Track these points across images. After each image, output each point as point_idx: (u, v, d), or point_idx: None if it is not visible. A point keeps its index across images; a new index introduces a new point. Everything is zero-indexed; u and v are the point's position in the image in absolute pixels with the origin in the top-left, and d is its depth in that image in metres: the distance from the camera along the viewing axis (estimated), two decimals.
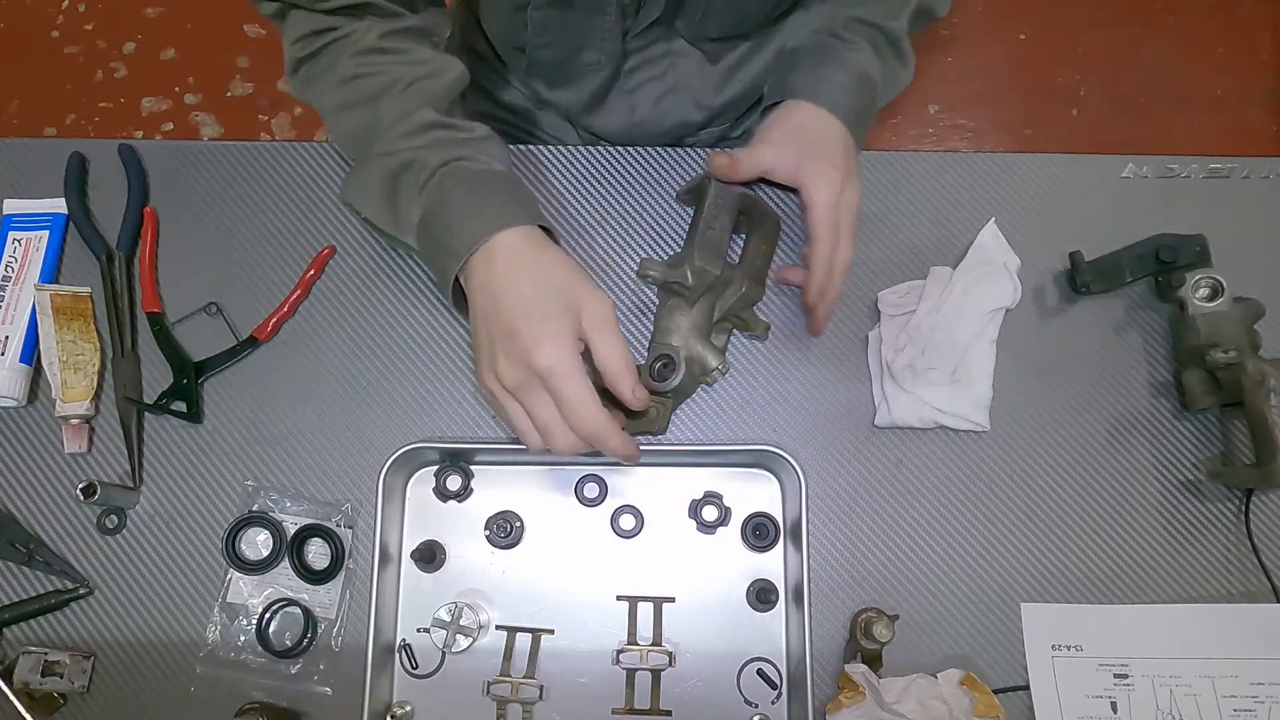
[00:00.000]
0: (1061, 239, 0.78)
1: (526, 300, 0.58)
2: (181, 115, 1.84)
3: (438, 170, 0.63)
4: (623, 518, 0.71)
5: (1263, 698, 0.68)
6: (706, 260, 0.71)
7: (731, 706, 0.68)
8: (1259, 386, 0.67)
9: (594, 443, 0.58)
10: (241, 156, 0.81)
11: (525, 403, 0.59)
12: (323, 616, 0.69)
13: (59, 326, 0.72)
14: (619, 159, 0.81)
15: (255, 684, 0.68)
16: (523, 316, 0.57)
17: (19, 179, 0.80)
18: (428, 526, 0.72)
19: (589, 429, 0.57)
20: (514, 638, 0.69)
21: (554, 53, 0.78)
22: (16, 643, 0.68)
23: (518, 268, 0.59)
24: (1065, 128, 1.84)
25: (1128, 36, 1.89)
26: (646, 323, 0.76)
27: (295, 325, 0.76)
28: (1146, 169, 0.82)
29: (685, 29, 0.77)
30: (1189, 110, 1.86)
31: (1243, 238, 0.78)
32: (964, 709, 0.65)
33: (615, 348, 0.58)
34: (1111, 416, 0.75)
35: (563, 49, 0.77)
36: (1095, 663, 0.69)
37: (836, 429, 0.74)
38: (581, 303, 0.58)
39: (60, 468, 0.72)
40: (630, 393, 0.60)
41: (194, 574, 0.70)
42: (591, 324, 0.58)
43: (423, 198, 0.63)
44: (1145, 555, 0.72)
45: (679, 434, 0.74)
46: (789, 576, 0.70)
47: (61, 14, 1.90)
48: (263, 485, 0.72)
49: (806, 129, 0.70)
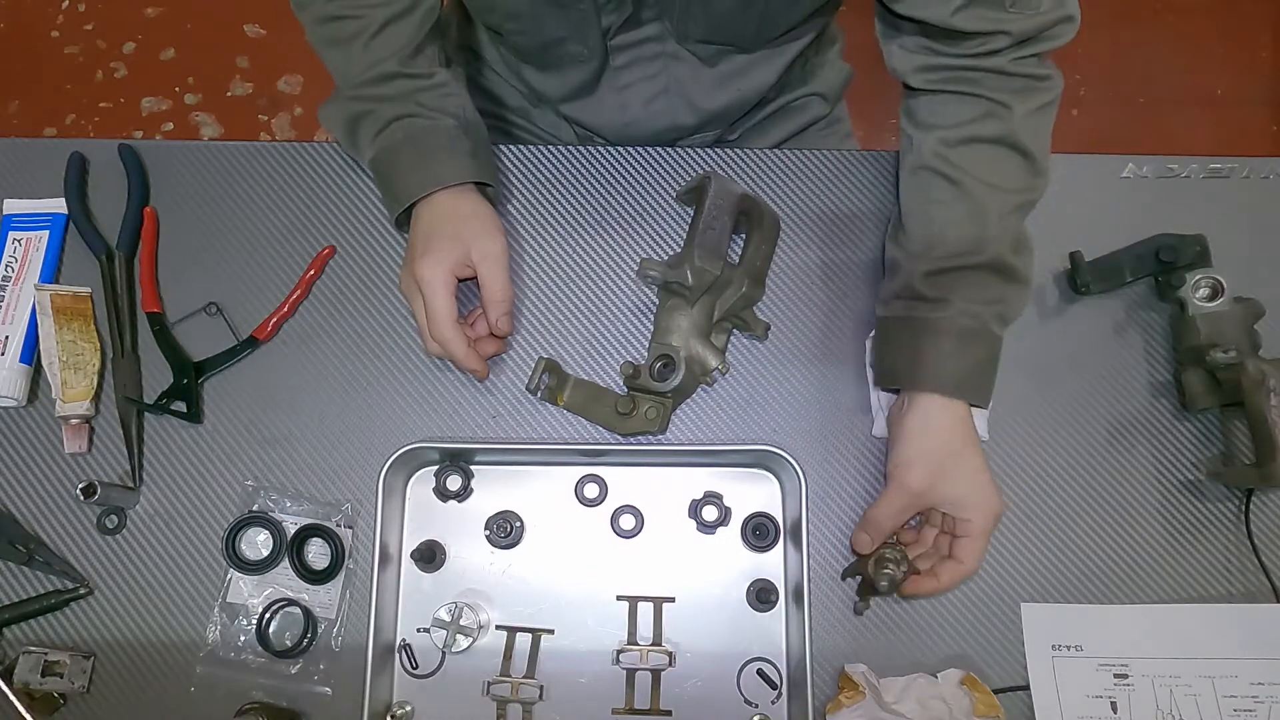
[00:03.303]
0: (1061, 239, 0.78)
1: (431, 229, 0.70)
2: (181, 115, 1.84)
3: (390, 123, 0.71)
4: (623, 518, 0.71)
5: (1263, 698, 0.68)
6: (706, 260, 0.71)
7: (731, 706, 0.68)
8: (1259, 386, 0.67)
9: (446, 350, 0.69)
10: (241, 156, 0.81)
11: (412, 305, 0.71)
12: (323, 616, 0.69)
13: (59, 326, 0.72)
14: (618, 159, 0.81)
15: (255, 684, 0.68)
16: (421, 238, 0.70)
17: (19, 179, 0.80)
18: (428, 526, 0.72)
19: (440, 336, 0.69)
20: (514, 638, 0.69)
21: (530, 39, 0.78)
22: (16, 643, 0.68)
23: (434, 216, 0.71)
24: (1065, 128, 1.83)
25: (1128, 36, 1.89)
26: (646, 323, 0.76)
27: (295, 325, 0.76)
28: (1146, 169, 0.82)
29: (672, 29, 0.76)
30: (1189, 110, 1.86)
31: (1243, 238, 0.78)
32: (964, 709, 0.65)
33: (498, 279, 0.70)
34: (1111, 417, 0.75)
35: (538, 37, 0.77)
36: (1095, 663, 0.69)
37: (836, 429, 0.74)
38: (473, 239, 0.70)
39: (60, 468, 0.72)
40: (494, 321, 0.71)
41: (194, 574, 0.70)
42: (479, 256, 0.70)
43: (375, 144, 0.72)
44: (1145, 555, 0.72)
45: (679, 434, 0.74)
46: (789, 576, 0.70)
47: (61, 14, 1.90)
48: (263, 485, 0.72)
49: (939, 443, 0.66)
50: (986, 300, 0.67)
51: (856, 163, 0.81)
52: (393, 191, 0.72)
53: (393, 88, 0.72)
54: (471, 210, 0.72)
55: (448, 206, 0.71)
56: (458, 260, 0.69)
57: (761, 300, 0.76)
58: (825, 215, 0.80)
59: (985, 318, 0.67)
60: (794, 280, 0.78)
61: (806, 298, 0.77)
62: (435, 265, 0.68)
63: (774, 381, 0.75)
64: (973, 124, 0.69)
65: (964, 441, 0.66)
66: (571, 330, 0.76)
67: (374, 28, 0.71)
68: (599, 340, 0.76)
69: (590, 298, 0.77)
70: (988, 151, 0.68)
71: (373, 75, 0.72)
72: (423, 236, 0.70)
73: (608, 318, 0.77)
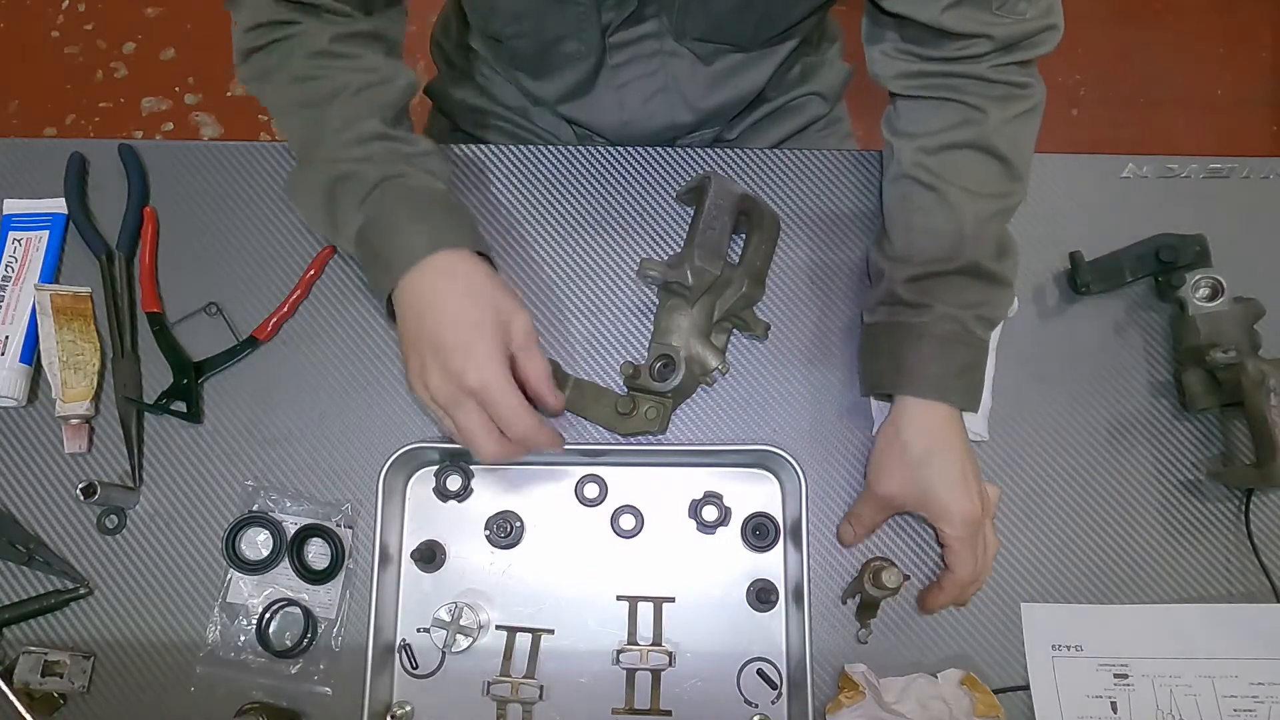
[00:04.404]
0: (1061, 239, 0.78)
1: (458, 321, 0.61)
2: (181, 115, 1.84)
3: (379, 184, 0.64)
4: (623, 518, 0.71)
5: (1263, 698, 0.68)
6: (706, 260, 0.71)
7: (731, 706, 0.68)
8: (1259, 386, 0.67)
9: (526, 446, 0.62)
10: (241, 156, 0.81)
11: (455, 416, 0.61)
12: (323, 616, 0.69)
13: (59, 326, 0.72)
14: (618, 159, 0.81)
15: (255, 684, 0.68)
16: (453, 336, 0.60)
17: (19, 179, 0.80)
18: (428, 526, 0.72)
19: (521, 434, 0.61)
20: (514, 638, 0.69)
21: (530, 42, 0.78)
22: (16, 643, 0.68)
23: (448, 287, 0.62)
24: (1065, 128, 1.84)
25: (1128, 36, 1.89)
26: (646, 323, 0.76)
27: (295, 325, 0.76)
28: (1146, 169, 0.82)
29: (670, 26, 0.76)
30: (1189, 110, 1.86)
31: (1243, 238, 0.78)
32: (964, 709, 0.65)
33: (539, 363, 0.64)
34: (1111, 417, 0.75)
35: (539, 38, 0.77)
36: (1095, 663, 0.69)
37: (836, 429, 0.74)
38: (510, 320, 0.62)
39: (60, 468, 0.72)
40: (552, 400, 0.65)
41: (194, 574, 0.70)
42: (518, 343, 0.62)
43: (362, 210, 0.64)
44: (1145, 555, 0.72)
45: (679, 434, 0.74)
46: (789, 576, 0.70)
47: (61, 14, 1.90)
48: (263, 485, 0.72)
49: (911, 447, 0.65)
50: (967, 304, 0.67)
51: (856, 163, 0.81)
52: (384, 260, 0.63)
53: (377, 148, 0.65)
54: (488, 276, 0.63)
55: (463, 270, 0.62)
56: (505, 346, 0.61)
57: (761, 300, 0.76)
58: (825, 215, 0.80)
59: (967, 321, 0.67)
60: (794, 280, 0.78)
61: (807, 298, 0.77)
62: (488, 363, 0.60)
63: (774, 381, 0.75)
64: (950, 130, 0.69)
65: (943, 445, 0.66)
66: (571, 330, 0.76)
67: (352, 88, 0.66)
68: (599, 340, 0.76)
69: (590, 298, 0.77)
70: (964, 157, 0.69)
71: (352, 135, 0.65)
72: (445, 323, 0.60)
73: (608, 318, 0.77)
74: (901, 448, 0.66)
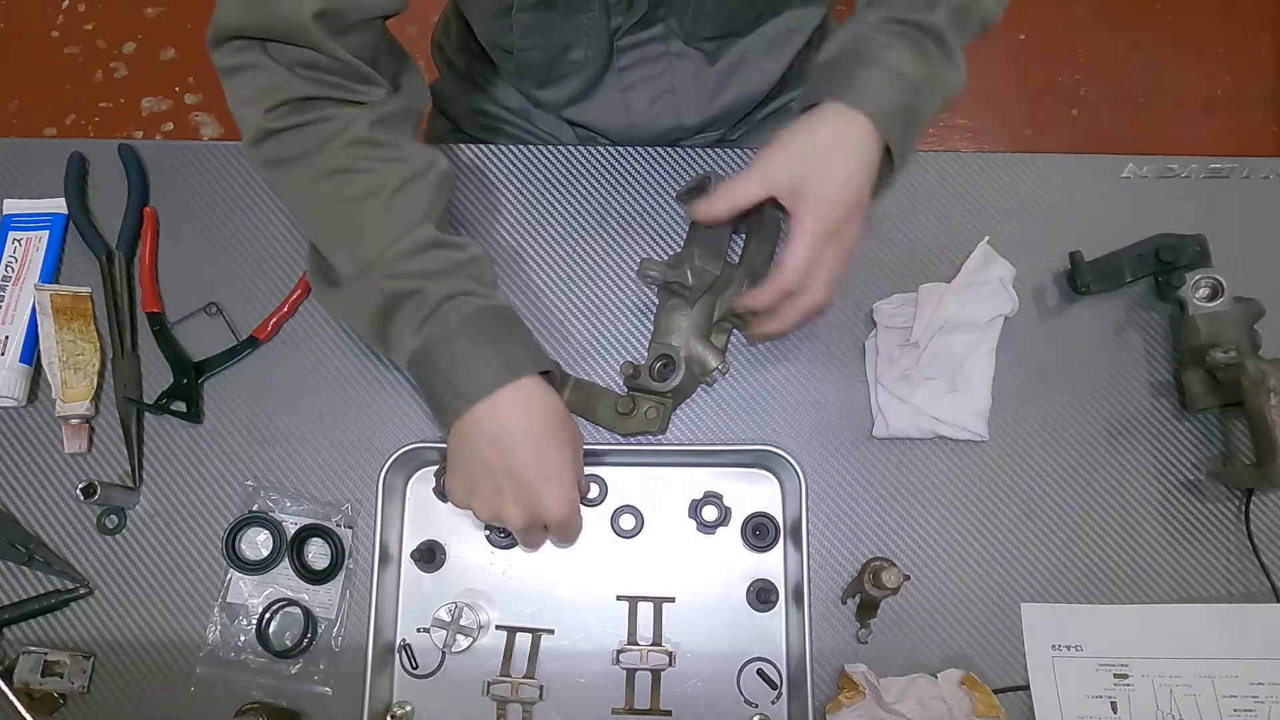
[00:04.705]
0: (1061, 239, 0.78)
1: (541, 459, 0.61)
2: (181, 115, 1.84)
3: (440, 305, 0.61)
4: (623, 518, 0.71)
5: (1263, 698, 0.68)
6: (706, 260, 0.71)
7: (731, 706, 0.68)
8: (1259, 386, 0.67)
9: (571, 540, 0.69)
10: (241, 156, 0.80)
11: (525, 538, 0.66)
12: (323, 616, 0.69)
13: (59, 326, 0.72)
14: (619, 159, 0.81)
15: (255, 684, 0.68)
16: (535, 473, 0.61)
17: (19, 179, 0.80)
18: (428, 526, 0.72)
19: (573, 539, 0.69)
20: (514, 638, 0.69)
21: (540, 54, 0.78)
22: (16, 643, 0.68)
23: (528, 421, 0.61)
24: (1065, 128, 1.84)
25: (1128, 36, 1.89)
26: (646, 323, 0.76)
27: (295, 325, 0.76)
28: (1146, 169, 0.82)
29: (680, 29, 0.77)
30: (1189, 110, 1.86)
31: (1243, 238, 0.78)
32: (964, 709, 0.65)
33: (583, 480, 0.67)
34: (1111, 417, 0.75)
35: (549, 50, 0.77)
36: (1095, 663, 0.69)
37: (836, 429, 0.74)
38: (578, 448, 0.64)
39: (60, 468, 0.72)
40: None
41: (194, 574, 0.70)
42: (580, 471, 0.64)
43: (425, 330, 0.61)
44: (1145, 555, 0.72)
45: (679, 434, 0.74)
46: (789, 576, 0.70)
47: (61, 14, 1.90)
48: (263, 485, 0.72)
49: (815, 143, 0.62)
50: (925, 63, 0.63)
51: None
52: (454, 387, 0.60)
53: (434, 260, 0.61)
54: (559, 404, 0.63)
55: (537, 399, 0.61)
56: (577, 482, 0.63)
57: None
58: None
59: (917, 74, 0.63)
60: None
61: None
62: (570, 502, 0.62)
63: (774, 381, 0.75)
64: None
65: (850, 149, 0.61)
66: (571, 330, 0.76)
67: (392, 185, 0.61)
68: (599, 340, 0.76)
69: (590, 298, 0.77)
70: None
71: (408, 245, 0.61)
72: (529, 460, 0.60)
73: (608, 318, 0.77)
74: (809, 132, 0.62)
